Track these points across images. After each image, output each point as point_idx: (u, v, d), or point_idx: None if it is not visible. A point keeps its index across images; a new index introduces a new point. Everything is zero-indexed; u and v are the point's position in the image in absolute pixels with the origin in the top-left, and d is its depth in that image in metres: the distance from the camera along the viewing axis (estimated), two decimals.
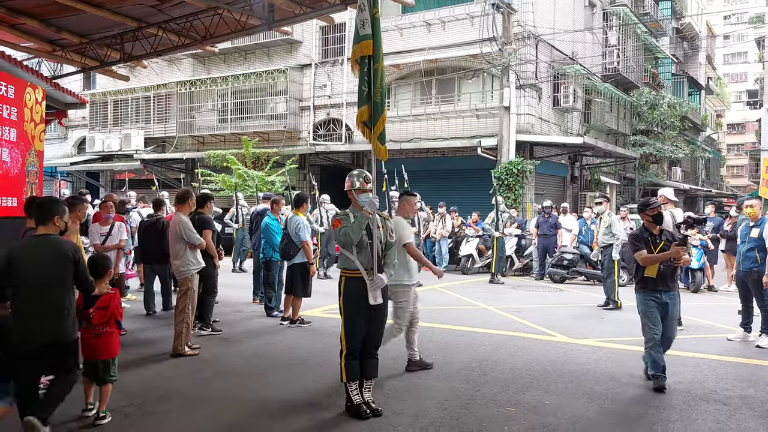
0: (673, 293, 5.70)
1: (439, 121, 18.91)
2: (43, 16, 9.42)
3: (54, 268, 4.11)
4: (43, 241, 4.16)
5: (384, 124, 4.73)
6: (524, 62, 17.43)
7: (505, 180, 16.53)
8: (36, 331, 4.01)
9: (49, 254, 4.11)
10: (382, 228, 4.85)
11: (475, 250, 15.04)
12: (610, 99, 22.15)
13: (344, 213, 4.85)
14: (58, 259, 4.12)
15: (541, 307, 10.27)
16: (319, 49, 21.12)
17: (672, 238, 5.65)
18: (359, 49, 4.71)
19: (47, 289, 4.08)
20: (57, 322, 4.08)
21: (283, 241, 8.33)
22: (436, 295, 11.62)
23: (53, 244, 4.15)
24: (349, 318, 4.72)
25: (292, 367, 6.30)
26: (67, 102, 9.42)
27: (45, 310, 4.05)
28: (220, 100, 22.30)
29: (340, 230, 4.68)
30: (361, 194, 4.84)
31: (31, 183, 6.84)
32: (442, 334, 7.95)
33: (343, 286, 4.77)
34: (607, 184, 22.76)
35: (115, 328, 4.65)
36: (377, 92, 4.67)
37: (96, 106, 24.75)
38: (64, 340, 4.12)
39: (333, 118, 20.93)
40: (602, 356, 6.84)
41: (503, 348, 7.17)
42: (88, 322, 4.55)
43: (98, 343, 4.57)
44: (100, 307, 4.57)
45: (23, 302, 4.06)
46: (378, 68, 4.66)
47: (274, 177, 18.45)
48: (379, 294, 4.68)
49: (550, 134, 18.84)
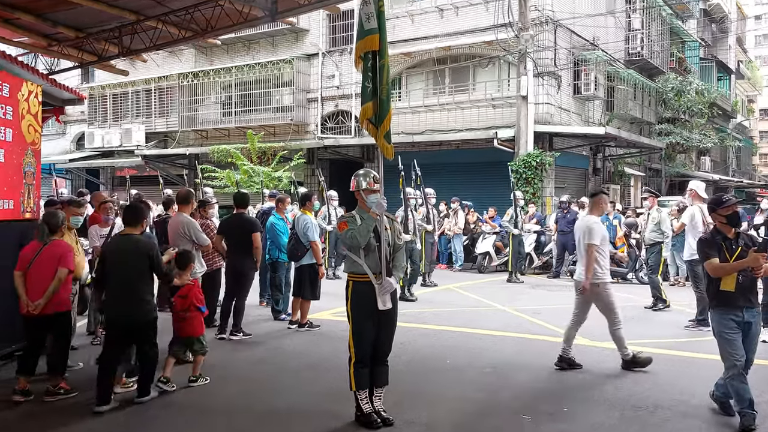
0: (756, 310, 5.04)
1: (452, 111, 18.88)
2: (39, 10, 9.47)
3: (135, 262, 5.24)
4: (127, 239, 5.36)
5: (390, 123, 4.74)
6: (542, 49, 17.33)
7: (523, 173, 16.48)
8: (122, 315, 5.26)
9: (131, 251, 5.26)
10: (390, 230, 4.88)
11: (492, 248, 15.04)
12: (633, 86, 21.97)
13: (350, 215, 4.88)
14: (138, 255, 5.25)
15: (561, 308, 10.20)
16: (326, 38, 21.14)
17: (751, 243, 5.00)
18: (364, 44, 4.72)
19: (128, 279, 5.25)
20: (137, 307, 5.24)
21: (290, 241, 8.37)
22: (451, 295, 11.64)
23: (135, 243, 5.31)
24: (358, 324, 4.75)
25: (301, 373, 6.36)
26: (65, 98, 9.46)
27: (127, 296, 5.23)
28: (223, 93, 22.40)
29: (347, 233, 4.71)
30: (369, 195, 4.86)
31: (28, 184, 6.91)
32: (456, 337, 7.97)
33: (350, 291, 4.81)
34: (631, 176, 22.61)
35: (196, 312, 5.89)
36: (383, 89, 4.68)
37: (95, 100, 24.96)
38: (145, 319, 5.30)
39: (342, 110, 20.95)
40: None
41: (521, 352, 7.19)
42: (173, 308, 5.89)
43: (184, 325, 5.88)
44: (181, 296, 5.86)
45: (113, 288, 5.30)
46: (384, 64, 4.67)
47: (281, 173, 18.52)
48: (388, 299, 4.71)
49: (571, 124, 18.74)
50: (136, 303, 5.24)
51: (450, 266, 15.76)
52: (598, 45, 19.64)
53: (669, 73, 24.71)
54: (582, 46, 19.11)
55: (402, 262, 4.94)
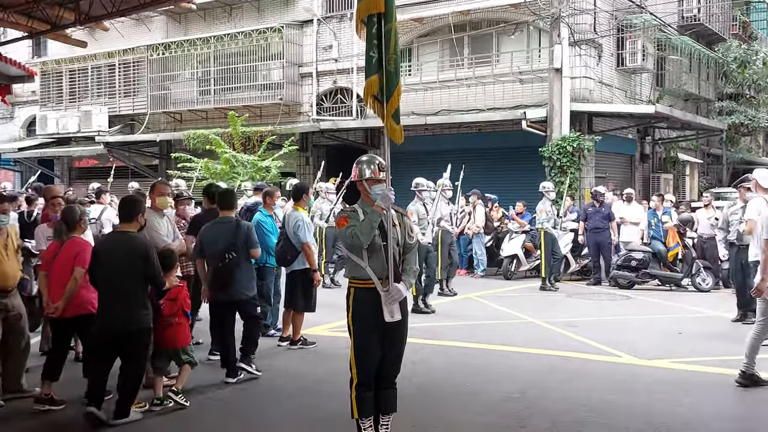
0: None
1: (473, 88, 18.83)
2: None
3: (126, 263, 5.49)
4: (120, 236, 5.73)
5: (399, 99, 4.72)
6: (579, 12, 17.25)
7: (557, 161, 16.44)
8: (107, 323, 5.53)
9: (123, 250, 5.54)
10: (398, 226, 4.86)
11: (521, 250, 15.01)
12: (688, 56, 21.85)
13: (351, 209, 4.87)
14: (131, 255, 5.50)
15: (603, 321, 10.24)
16: (322, 1, 21.14)
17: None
18: (366, 6, 4.70)
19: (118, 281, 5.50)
20: (126, 310, 5.48)
21: (279, 242, 8.38)
22: (473, 305, 11.64)
23: (127, 241, 5.59)
24: (360, 339, 4.74)
25: (294, 398, 6.37)
26: (12, 75, 9.56)
27: (117, 300, 5.49)
28: (200, 68, 22.42)
29: (347, 230, 4.69)
30: (373, 185, 4.85)
31: None
32: (480, 355, 7.97)
33: (352, 300, 4.80)
34: (686, 164, 22.51)
35: (184, 318, 6.05)
36: (390, 59, 4.66)
37: (48, 78, 25.03)
38: (136, 328, 5.51)
39: (341, 87, 20.94)
40: (679, 381, 6.82)
41: (555, 373, 7.17)
42: (159, 313, 5.95)
43: (169, 333, 5.98)
44: (170, 299, 6.01)
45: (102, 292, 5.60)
46: (391, 29, 4.65)
47: (269, 162, 18.54)
48: (396, 309, 4.69)
49: (614, 102, 18.64)
50: (126, 309, 5.49)
51: (471, 272, 15.75)
52: (646, 7, 19.55)
53: (731, 41, 24.55)
54: (627, 8, 19.01)
55: (413, 265, 4.93)
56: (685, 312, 10.99)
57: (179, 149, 21.00)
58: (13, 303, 6.22)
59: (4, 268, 6.07)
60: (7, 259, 6.10)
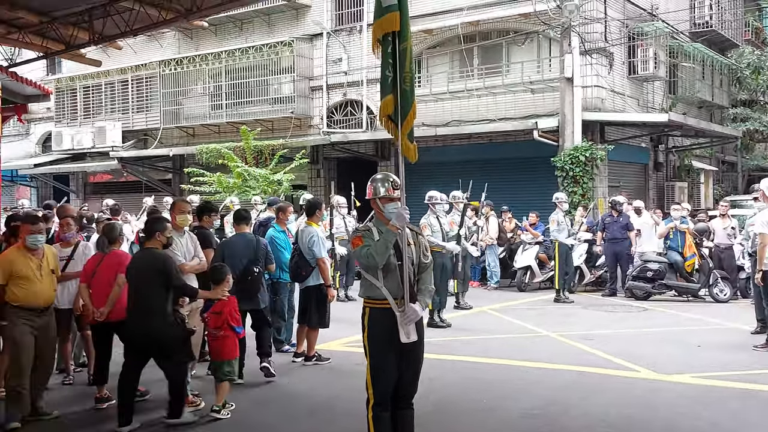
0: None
1: (483, 98, 18.81)
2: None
3: (148, 277, 5.91)
4: (142, 253, 6.20)
5: (414, 119, 4.71)
6: (590, 21, 17.22)
7: (570, 170, 16.37)
8: (136, 332, 5.99)
9: (144, 265, 5.99)
10: (414, 245, 4.83)
11: (535, 261, 14.93)
12: (701, 63, 21.75)
13: (366, 228, 4.85)
14: (151, 269, 5.92)
15: (620, 333, 10.15)
16: (331, 14, 21.21)
17: None
18: (382, 25, 4.69)
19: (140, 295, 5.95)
20: (147, 321, 5.85)
21: (293, 258, 8.38)
22: (487, 319, 11.58)
23: (148, 256, 6.03)
24: (377, 360, 4.71)
25: (310, 417, 6.35)
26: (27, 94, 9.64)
27: (138, 312, 5.91)
28: (212, 82, 22.54)
29: (362, 250, 4.67)
30: (388, 204, 4.82)
31: None
32: (495, 370, 7.91)
33: (367, 320, 4.77)
34: (701, 171, 22.37)
35: (230, 332, 6.33)
36: (406, 77, 4.65)
37: (62, 95, 25.25)
38: (161, 336, 5.88)
39: (351, 100, 20.98)
40: (699, 396, 6.75)
41: (573, 388, 7.11)
42: (206, 326, 6.51)
43: (215, 345, 6.41)
44: (215, 312, 6.38)
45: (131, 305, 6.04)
46: (406, 47, 4.64)
47: (281, 175, 18.59)
48: (412, 329, 4.65)
49: (626, 111, 18.57)
50: (149, 319, 5.88)
51: (484, 284, 15.68)
52: (658, 15, 19.49)
53: (744, 47, 24.40)
54: (638, 16, 18.96)
55: (429, 284, 4.90)
56: (704, 323, 10.88)
57: (192, 163, 21.11)
58: (45, 323, 6.27)
59: (37, 287, 6.13)
60: (41, 279, 6.17)
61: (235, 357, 6.44)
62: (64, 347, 7.54)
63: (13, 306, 6.08)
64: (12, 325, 6.08)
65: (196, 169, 19.53)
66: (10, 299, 6.07)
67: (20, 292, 6.04)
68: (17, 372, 6.04)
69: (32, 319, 6.12)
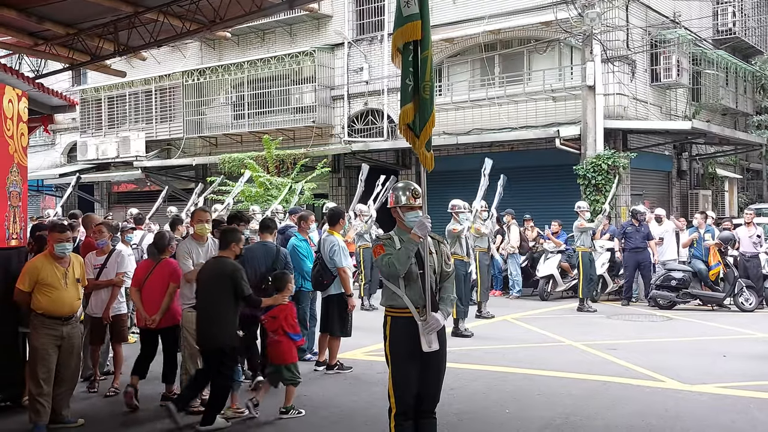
0: None
1: (504, 107, 18.78)
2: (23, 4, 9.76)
3: (216, 285, 6.15)
4: (212, 261, 6.38)
5: (432, 128, 4.71)
6: (612, 28, 17.16)
7: (592, 179, 16.28)
8: (201, 338, 6.30)
9: (213, 273, 6.21)
10: (435, 254, 4.83)
11: (557, 270, 14.84)
12: (725, 70, 21.57)
13: (387, 236, 4.85)
14: (219, 277, 6.15)
15: (644, 343, 10.05)
16: (352, 24, 21.30)
17: None
18: (403, 34, 4.71)
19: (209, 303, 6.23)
20: (214, 329, 6.13)
21: (315, 267, 8.39)
22: (509, 328, 11.52)
23: (218, 265, 6.26)
24: (398, 368, 4.70)
25: (332, 426, 6.34)
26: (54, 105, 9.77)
27: (207, 320, 6.19)
28: (234, 92, 22.70)
29: (383, 258, 4.68)
30: (409, 212, 4.83)
31: (13, 206, 7.06)
32: (518, 380, 7.86)
33: (389, 329, 4.77)
34: (725, 179, 22.16)
35: (285, 338, 6.55)
36: (426, 87, 4.66)
37: (87, 105, 25.55)
38: (218, 344, 6.14)
39: (372, 109, 21.02)
40: (725, 406, 6.67)
41: (596, 398, 7.05)
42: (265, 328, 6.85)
43: (270, 349, 6.66)
44: (271, 316, 6.65)
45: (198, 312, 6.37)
46: (427, 57, 4.65)
47: (303, 184, 18.64)
48: (434, 338, 4.64)
49: (649, 118, 18.47)
50: (215, 326, 6.14)
51: (506, 293, 15.60)
52: (680, 22, 19.37)
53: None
54: (660, 23, 18.86)
55: (451, 293, 4.89)
56: (729, 333, 10.74)
57: (215, 173, 21.23)
58: (70, 332, 6.25)
59: (63, 296, 6.14)
60: (66, 287, 6.17)
61: (293, 362, 6.57)
62: (95, 354, 7.61)
63: (38, 314, 6.09)
64: (35, 333, 6.10)
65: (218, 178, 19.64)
66: (35, 307, 6.08)
67: (45, 299, 6.05)
68: (35, 381, 6.03)
69: (56, 327, 6.11)
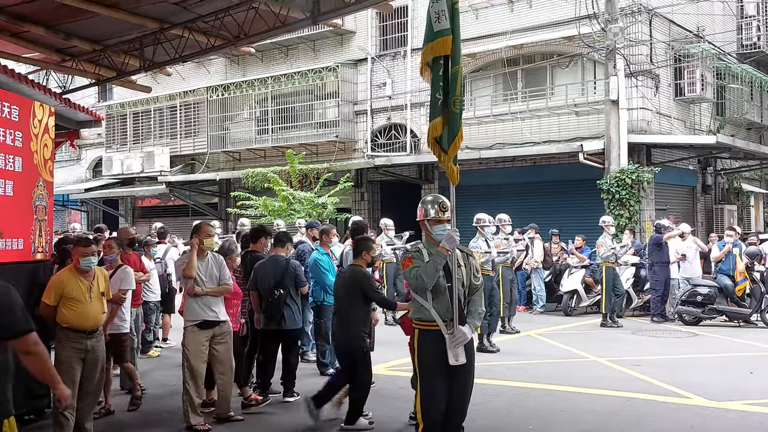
0: None
1: (527, 121, 18.74)
2: (50, 21, 9.93)
3: (346, 290, 6.66)
4: (348, 269, 6.94)
5: (461, 142, 4.72)
6: (635, 43, 17.09)
7: (616, 193, 16.18)
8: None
9: (346, 280, 6.72)
10: (464, 267, 4.82)
11: (581, 285, 14.72)
12: (749, 84, 21.37)
13: (416, 249, 4.84)
14: (351, 283, 6.61)
15: (669, 359, 9.93)
16: (376, 40, 21.41)
17: None
18: (433, 48, 4.73)
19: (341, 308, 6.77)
20: (344, 333, 6.55)
21: None
22: (533, 343, 11.43)
23: (352, 274, 6.68)
24: (426, 381, 4.68)
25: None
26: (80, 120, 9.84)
27: (340, 325, 6.71)
28: (258, 107, 22.89)
29: (411, 271, 4.67)
30: (436, 225, 4.83)
31: (39, 220, 7.16)
32: (541, 396, 7.80)
33: (417, 342, 4.75)
34: (750, 194, 21.90)
35: None
36: (456, 101, 4.67)
37: (113, 121, 25.87)
38: (348, 349, 6.52)
39: (395, 124, 21.08)
40: (752, 424, 6.59)
41: (620, 415, 6.97)
42: None
43: None
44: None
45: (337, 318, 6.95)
46: (457, 72, 4.66)
47: (325, 198, 18.70)
48: (461, 352, 4.61)
49: (673, 133, 18.33)
50: (347, 331, 6.48)
51: (529, 308, 15.50)
52: (704, 36, 19.25)
53: None
54: (684, 38, 18.75)
55: (479, 307, 4.87)
56: (756, 349, 10.57)
57: (238, 187, 21.37)
58: (94, 346, 6.21)
59: (87, 309, 6.12)
60: (90, 301, 6.14)
61: None
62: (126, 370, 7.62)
63: (63, 327, 6.09)
64: (60, 346, 6.08)
65: (242, 193, 19.78)
66: (60, 320, 6.08)
67: (69, 313, 6.04)
68: None
69: (80, 341, 6.09)
